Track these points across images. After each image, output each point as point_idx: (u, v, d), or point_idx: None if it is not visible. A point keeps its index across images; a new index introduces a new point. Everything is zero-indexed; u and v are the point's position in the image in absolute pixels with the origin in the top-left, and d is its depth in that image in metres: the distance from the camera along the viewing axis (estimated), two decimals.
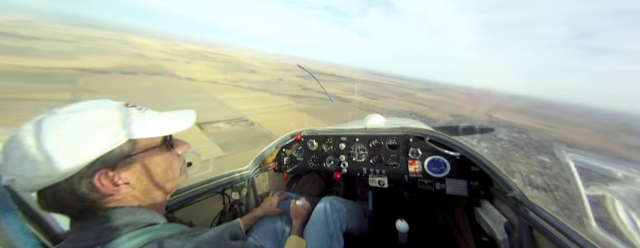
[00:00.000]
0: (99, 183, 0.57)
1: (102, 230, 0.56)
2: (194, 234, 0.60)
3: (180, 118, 0.73)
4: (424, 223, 2.18)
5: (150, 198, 0.69)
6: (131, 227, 0.58)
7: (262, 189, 1.99)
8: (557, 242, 0.91)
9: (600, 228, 0.84)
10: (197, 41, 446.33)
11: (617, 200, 0.81)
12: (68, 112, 0.56)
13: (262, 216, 1.56)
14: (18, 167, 0.51)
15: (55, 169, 0.52)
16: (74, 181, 0.54)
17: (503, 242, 1.24)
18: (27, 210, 0.78)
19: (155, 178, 0.67)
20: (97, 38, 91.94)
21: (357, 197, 2.56)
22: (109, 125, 0.58)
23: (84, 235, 0.56)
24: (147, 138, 0.65)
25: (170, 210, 1.23)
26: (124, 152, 0.60)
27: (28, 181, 0.52)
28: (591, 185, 0.89)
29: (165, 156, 0.69)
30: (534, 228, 1.07)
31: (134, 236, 0.56)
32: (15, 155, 0.52)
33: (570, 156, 0.93)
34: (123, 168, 0.60)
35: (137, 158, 0.62)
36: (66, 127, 0.54)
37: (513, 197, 1.18)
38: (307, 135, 2.07)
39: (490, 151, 19.12)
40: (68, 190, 0.54)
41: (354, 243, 1.58)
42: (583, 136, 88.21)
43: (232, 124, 17.56)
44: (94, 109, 0.59)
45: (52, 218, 0.84)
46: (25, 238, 0.61)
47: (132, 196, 0.64)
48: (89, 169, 0.55)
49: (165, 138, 0.70)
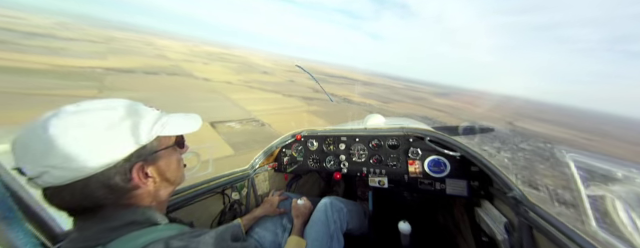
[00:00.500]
0: (136, 175, 0.59)
1: (103, 230, 0.56)
2: (196, 235, 0.60)
3: (190, 119, 0.77)
4: (424, 223, 2.18)
5: (160, 196, 0.71)
6: (133, 227, 0.58)
7: (262, 189, 1.99)
8: (557, 242, 0.91)
9: (600, 228, 0.84)
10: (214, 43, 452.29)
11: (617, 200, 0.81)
12: (103, 107, 0.58)
13: (262, 216, 1.56)
14: (59, 157, 0.50)
15: (96, 160, 0.53)
16: (110, 173, 0.56)
17: (503, 242, 1.24)
18: (27, 210, 0.78)
19: (170, 174, 0.70)
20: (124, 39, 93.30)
21: (357, 197, 2.56)
22: (143, 122, 0.62)
23: (85, 235, 0.56)
24: (166, 137, 0.69)
25: (170, 210, 1.22)
26: (153, 148, 0.64)
27: (67, 172, 0.52)
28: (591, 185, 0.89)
29: (177, 155, 0.74)
30: (534, 228, 1.07)
31: (136, 236, 0.56)
32: (39, 148, 0.50)
33: (570, 156, 0.93)
34: (151, 162, 0.64)
35: (161, 154, 0.66)
36: (101, 122, 0.55)
37: (513, 197, 1.18)
38: (307, 135, 2.07)
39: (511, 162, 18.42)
40: (101, 182, 0.55)
41: (354, 243, 1.58)
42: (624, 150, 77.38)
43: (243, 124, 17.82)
44: (126, 107, 0.61)
45: (52, 218, 0.84)
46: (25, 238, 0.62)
47: (149, 192, 0.66)
48: (126, 162, 0.58)
49: (177, 138, 0.74)
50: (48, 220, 0.82)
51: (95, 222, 0.57)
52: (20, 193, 0.77)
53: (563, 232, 0.90)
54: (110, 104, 0.60)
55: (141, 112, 0.63)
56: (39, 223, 0.81)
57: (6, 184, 0.69)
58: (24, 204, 0.77)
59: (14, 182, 0.77)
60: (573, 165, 0.92)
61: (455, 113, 61.88)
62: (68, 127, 0.52)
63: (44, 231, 0.81)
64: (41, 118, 0.54)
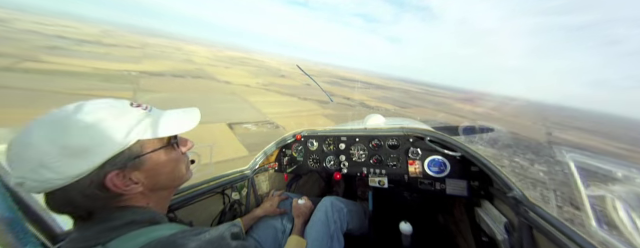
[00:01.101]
0: (110, 183, 0.57)
1: (103, 229, 0.56)
2: (195, 233, 0.60)
3: (185, 117, 0.73)
4: (424, 223, 2.18)
5: (157, 197, 0.70)
6: (133, 226, 0.58)
7: (262, 189, 1.99)
8: (557, 242, 0.91)
9: (600, 228, 0.84)
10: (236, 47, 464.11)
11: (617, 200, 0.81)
12: (74, 113, 0.56)
13: (262, 216, 1.56)
14: (27, 169, 0.51)
15: (64, 172, 0.52)
16: (84, 183, 0.54)
17: (503, 242, 1.24)
18: (27, 210, 0.78)
19: (163, 177, 0.68)
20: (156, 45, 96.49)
21: (357, 197, 2.56)
22: (117, 127, 0.58)
23: (85, 235, 0.56)
24: (154, 138, 0.65)
25: (170, 210, 1.22)
26: (133, 153, 0.60)
27: (38, 183, 0.52)
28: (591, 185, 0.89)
29: (171, 156, 0.70)
30: (534, 228, 1.07)
31: (135, 236, 0.56)
32: (23, 156, 0.51)
33: (570, 156, 0.93)
34: (133, 168, 0.61)
35: (146, 158, 0.63)
36: (73, 130, 0.53)
37: (513, 197, 1.18)
38: (307, 135, 2.07)
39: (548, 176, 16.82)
40: (78, 191, 0.54)
41: (354, 243, 1.58)
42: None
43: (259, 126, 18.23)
44: (101, 110, 0.58)
45: (52, 218, 0.84)
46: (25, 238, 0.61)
47: (142, 194, 0.65)
48: (100, 171, 0.55)
49: (170, 138, 0.71)
50: (48, 220, 0.82)
51: (94, 223, 0.57)
52: (20, 193, 0.77)
53: (563, 232, 0.90)
54: (84, 108, 0.57)
55: (119, 115, 0.60)
56: (39, 223, 0.81)
57: (6, 184, 0.69)
58: (24, 204, 0.77)
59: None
60: (573, 165, 0.91)
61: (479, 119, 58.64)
62: (36, 137, 0.51)
63: (44, 231, 0.81)
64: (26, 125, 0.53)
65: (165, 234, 0.58)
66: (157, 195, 0.70)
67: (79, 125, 0.54)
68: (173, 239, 0.55)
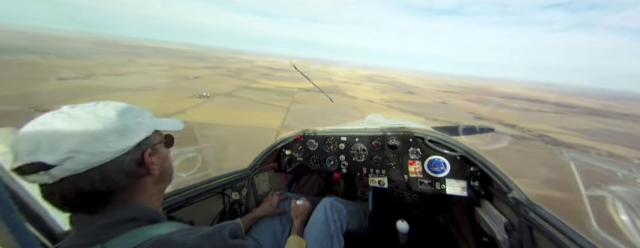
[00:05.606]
0: (147, 160, 0.66)
1: (103, 226, 0.56)
2: (195, 231, 0.61)
3: (178, 123, 0.85)
4: (424, 223, 2.18)
5: (158, 191, 0.74)
6: (131, 225, 0.58)
7: (262, 189, 1.99)
8: (557, 242, 0.91)
9: (600, 228, 0.84)
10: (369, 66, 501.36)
11: (617, 200, 0.81)
12: (117, 104, 0.67)
13: (262, 216, 1.56)
14: (81, 142, 0.54)
15: (114, 147, 0.58)
16: (125, 159, 0.61)
17: (503, 242, 1.24)
18: (27, 210, 0.78)
19: (166, 166, 0.76)
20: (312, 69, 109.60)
21: (357, 197, 2.56)
22: (145, 116, 0.70)
23: (85, 232, 0.56)
24: (159, 133, 0.75)
25: (170, 210, 1.23)
26: (155, 140, 0.72)
27: (89, 156, 0.54)
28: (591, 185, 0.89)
29: (168, 152, 0.79)
30: (534, 228, 1.07)
31: (135, 234, 0.56)
32: (59, 135, 0.53)
33: (570, 156, 0.93)
34: (154, 152, 0.70)
35: (159, 147, 0.73)
36: (111, 112, 0.62)
37: (513, 197, 1.18)
38: (307, 135, 2.07)
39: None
40: (117, 167, 0.60)
41: (354, 243, 1.58)
42: None
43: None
44: (123, 104, 0.69)
45: (52, 218, 0.84)
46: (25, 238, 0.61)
47: (150, 183, 0.70)
48: (137, 149, 0.64)
49: (167, 136, 0.79)
50: (48, 220, 0.82)
51: (94, 219, 0.58)
52: (20, 193, 0.77)
53: (563, 232, 0.90)
54: (110, 102, 0.67)
55: (141, 109, 0.72)
56: (39, 223, 0.81)
57: (6, 184, 0.69)
58: (24, 204, 0.77)
59: (14, 182, 0.77)
60: (573, 165, 0.92)
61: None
62: (84, 115, 0.58)
63: (44, 231, 0.81)
64: (47, 114, 0.58)
65: (164, 233, 0.58)
66: (158, 189, 0.74)
67: (124, 110, 0.65)
68: (171, 237, 0.56)
